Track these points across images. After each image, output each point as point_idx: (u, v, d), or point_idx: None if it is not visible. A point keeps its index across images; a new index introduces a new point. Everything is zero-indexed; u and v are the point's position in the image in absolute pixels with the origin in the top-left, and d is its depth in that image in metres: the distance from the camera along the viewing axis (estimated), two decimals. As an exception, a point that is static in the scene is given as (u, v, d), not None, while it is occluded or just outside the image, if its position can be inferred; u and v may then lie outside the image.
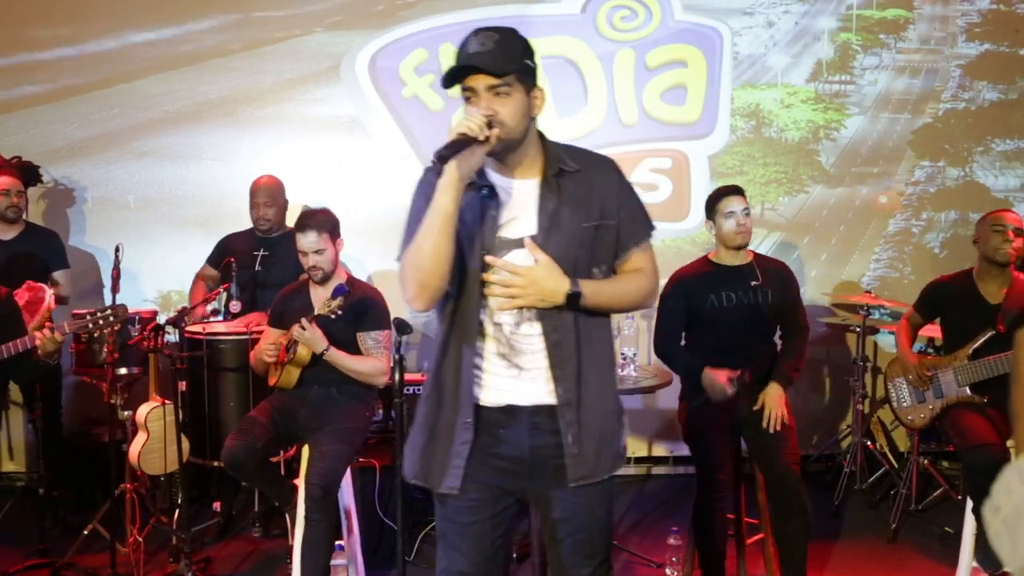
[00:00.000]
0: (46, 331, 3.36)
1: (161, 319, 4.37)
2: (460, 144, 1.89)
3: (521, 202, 2.03)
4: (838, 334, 5.31)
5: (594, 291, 2.01)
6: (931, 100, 5.39)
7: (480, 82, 1.95)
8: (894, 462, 4.88)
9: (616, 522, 4.47)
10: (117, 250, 3.93)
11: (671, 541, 3.63)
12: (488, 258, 1.98)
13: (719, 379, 3.37)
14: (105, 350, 3.86)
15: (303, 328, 3.44)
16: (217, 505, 4.32)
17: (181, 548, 3.68)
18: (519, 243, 2.01)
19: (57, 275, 4.50)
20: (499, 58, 1.95)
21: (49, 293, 3.88)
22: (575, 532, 2.11)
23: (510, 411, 2.04)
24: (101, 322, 3.43)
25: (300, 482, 3.39)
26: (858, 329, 4.78)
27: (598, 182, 2.07)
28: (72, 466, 4.47)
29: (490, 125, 1.92)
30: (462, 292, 2.02)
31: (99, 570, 3.75)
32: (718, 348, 3.54)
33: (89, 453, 4.52)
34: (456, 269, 1.99)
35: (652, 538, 4.26)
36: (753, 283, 3.55)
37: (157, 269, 5.07)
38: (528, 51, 2.02)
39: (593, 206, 2.05)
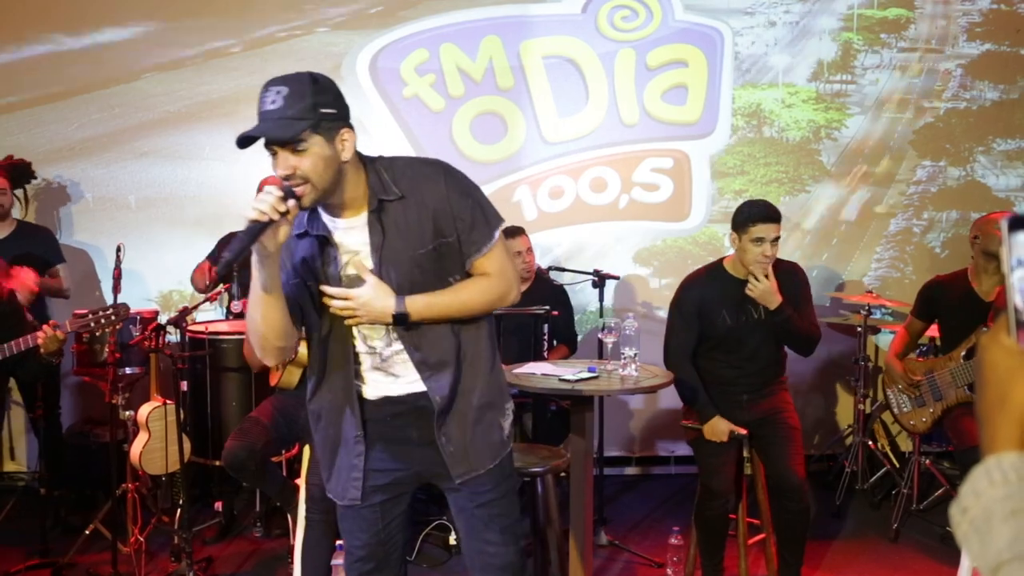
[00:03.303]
0: (48, 329, 3.37)
1: (162, 319, 4.37)
2: (253, 232, 1.88)
3: (355, 239, 2.06)
4: (839, 334, 5.31)
5: (426, 306, 2.05)
6: (932, 100, 5.39)
7: (277, 143, 1.94)
8: (895, 462, 4.88)
9: (616, 522, 4.47)
10: (119, 250, 3.93)
11: (672, 541, 3.63)
12: (323, 287, 2.06)
13: (721, 432, 3.37)
14: (106, 350, 3.86)
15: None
16: (218, 505, 4.32)
17: (182, 548, 3.68)
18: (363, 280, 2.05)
19: (58, 269, 4.51)
20: (286, 117, 1.92)
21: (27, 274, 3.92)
22: (479, 504, 2.19)
23: (392, 400, 2.15)
24: (103, 321, 3.43)
25: (301, 482, 3.39)
26: (859, 329, 4.78)
27: (427, 201, 2.05)
28: (73, 466, 4.47)
29: (287, 196, 1.91)
30: (329, 327, 2.12)
31: (100, 570, 3.75)
32: (727, 362, 3.50)
33: (90, 453, 4.52)
34: (317, 310, 2.10)
35: (652, 538, 4.26)
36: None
37: (158, 269, 5.07)
38: (324, 97, 1.97)
39: (426, 230, 2.05)
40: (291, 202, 1.92)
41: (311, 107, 1.94)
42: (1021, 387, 0.87)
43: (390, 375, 2.14)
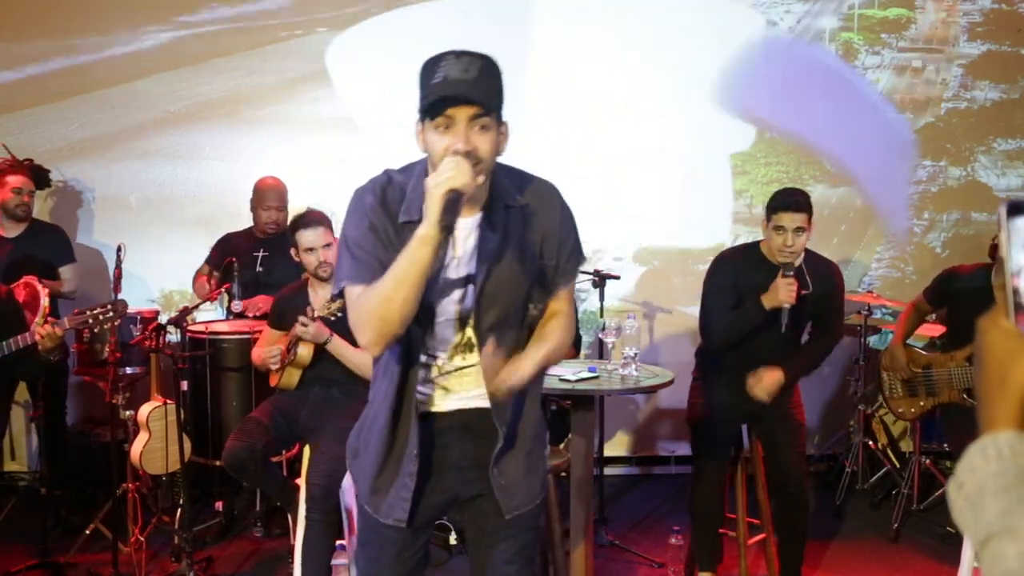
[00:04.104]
0: (46, 326, 3.37)
1: (163, 319, 4.37)
2: (456, 203, 1.74)
3: (464, 240, 1.93)
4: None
5: (533, 366, 1.95)
6: (933, 99, 5.39)
7: (463, 112, 1.80)
8: (896, 462, 4.88)
9: (616, 522, 4.48)
10: (119, 250, 3.93)
11: (672, 541, 3.64)
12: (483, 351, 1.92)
13: (779, 287, 3.20)
14: (107, 349, 3.86)
15: (305, 324, 3.45)
16: (219, 505, 4.32)
17: (183, 548, 3.68)
18: (458, 283, 1.94)
19: (63, 271, 4.51)
20: (486, 89, 1.81)
21: (43, 291, 3.89)
22: (507, 537, 2.08)
23: (436, 416, 2.02)
24: (101, 318, 3.43)
25: (301, 482, 3.40)
26: (859, 329, 4.78)
27: (541, 218, 1.98)
28: (74, 466, 4.47)
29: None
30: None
31: (101, 570, 3.75)
32: (744, 354, 3.39)
33: (91, 452, 4.52)
34: None
35: (652, 538, 4.26)
36: (803, 292, 3.32)
37: (158, 269, 5.07)
38: (503, 84, 1.87)
39: (534, 247, 1.97)
40: (481, 177, 1.80)
41: (499, 89, 1.85)
42: (1019, 368, 0.90)
43: (440, 388, 2.01)
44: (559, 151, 5.13)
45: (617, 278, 4.54)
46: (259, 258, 4.47)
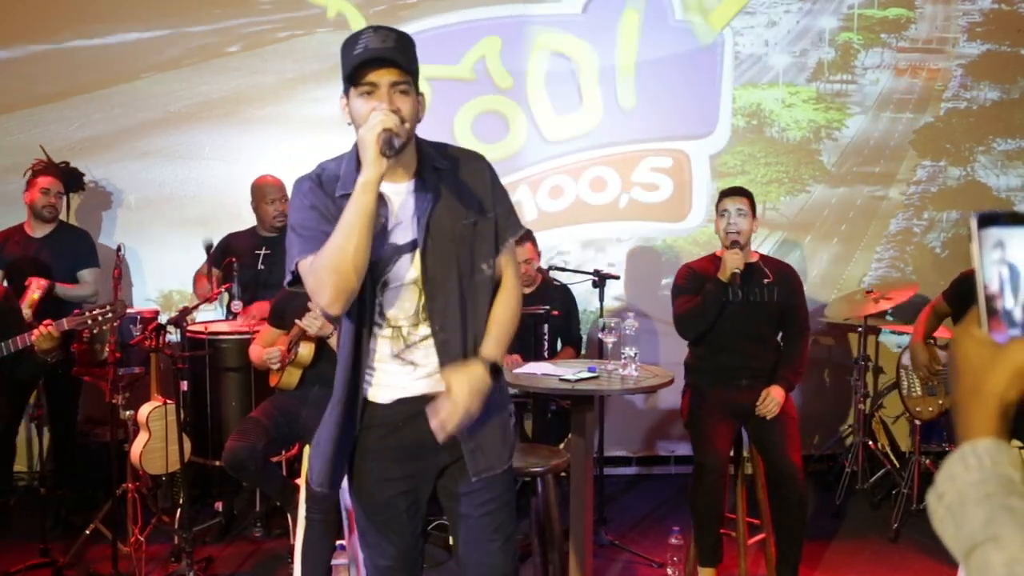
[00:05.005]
0: (42, 328, 3.38)
1: (162, 319, 4.38)
2: (391, 141, 1.85)
3: (400, 206, 2.04)
4: (839, 333, 5.31)
5: (498, 345, 2.08)
6: (932, 99, 5.39)
7: (385, 77, 1.91)
8: (895, 462, 4.87)
9: (616, 522, 4.48)
10: (119, 250, 3.94)
11: (672, 541, 3.64)
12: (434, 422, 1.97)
13: (727, 257, 3.50)
14: (107, 349, 3.86)
15: (312, 319, 3.46)
16: (219, 505, 4.33)
17: (183, 548, 3.69)
18: (405, 248, 2.03)
19: (83, 274, 4.52)
20: (404, 55, 1.94)
21: (36, 284, 3.94)
22: (485, 513, 2.14)
23: (405, 402, 2.08)
24: (100, 319, 3.44)
25: (301, 482, 3.40)
26: (860, 329, 4.78)
27: (471, 178, 2.09)
28: (74, 465, 4.47)
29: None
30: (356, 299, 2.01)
31: (101, 570, 3.75)
32: (720, 345, 3.59)
33: (91, 453, 4.52)
34: None
35: (652, 538, 4.26)
36: (766, 280, 3.61)
37: (158, 269, 5.07)
38: (416, 56, 2.00)
39: (468, 202, 2.06)
40: (407, 126, 1.91)
41: (415, 59, 1.98)
42: (993, 376, 0.90)
43: (408, 364, 2.07)
44: (560, 151, 5.14)
45: (617, 278, 4.54)
46: (260, 256, 4.48)
